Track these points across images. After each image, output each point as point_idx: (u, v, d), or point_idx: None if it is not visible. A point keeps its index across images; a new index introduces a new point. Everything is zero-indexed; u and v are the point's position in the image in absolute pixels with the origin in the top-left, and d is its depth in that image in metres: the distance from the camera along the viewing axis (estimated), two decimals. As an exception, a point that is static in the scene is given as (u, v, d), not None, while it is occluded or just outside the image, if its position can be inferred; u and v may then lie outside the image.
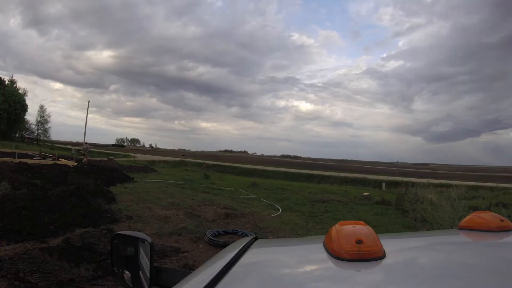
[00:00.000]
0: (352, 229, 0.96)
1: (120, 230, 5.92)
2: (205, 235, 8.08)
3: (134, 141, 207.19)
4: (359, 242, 0.88)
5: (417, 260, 1.01)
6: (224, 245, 7.08)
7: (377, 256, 0.87)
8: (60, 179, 15.30)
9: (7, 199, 10.28)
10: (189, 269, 1.55)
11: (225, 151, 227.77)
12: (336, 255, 0.89)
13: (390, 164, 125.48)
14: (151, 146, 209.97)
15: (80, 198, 11.39)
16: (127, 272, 1.40)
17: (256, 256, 1.17)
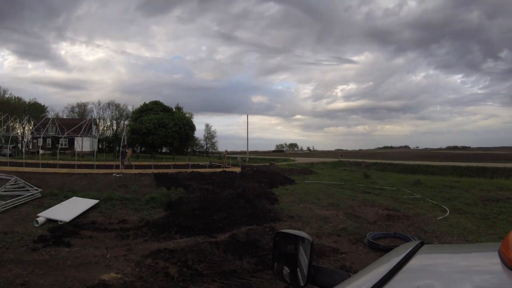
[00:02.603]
0: None
1: (282, 229, 5.84)
2: (365, 237, 7.84)
3: (293, 145, 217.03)
4: None
5: None
6: (384, 249, 6.69)
7: None
8: (228, 184, 16.99)
9: (182, 202, 11.98)
10: (346, 271, 1.38)
11: (385, 147, 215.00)
12: None
13: None
14: (308, 149, 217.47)
15: (246, 200, 12.39)
16: (286, 268, 1.51)
17: (423, 263, 1.12)
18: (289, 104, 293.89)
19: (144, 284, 5.03)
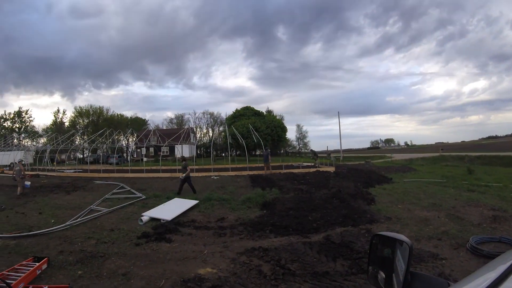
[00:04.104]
0: None
1: (379, 231, 5.56)
2: (468, 241, 7.11)
3: (388, 141, 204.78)
4: None
5: None
6: (488, 256, 6.17)
7: None
8: (322, 184, 16.82)
9: (277, 202, 12.16)
10: (445, 279, 1.42)
11: (489, 137, 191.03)
12: None
13: None
14: (406, 144, 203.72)
15: (341, 200, 12.10)
16: (381, 273, 1.47)
17: None
18: (420, 102, 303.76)
19: (237, 280, 5.22)
